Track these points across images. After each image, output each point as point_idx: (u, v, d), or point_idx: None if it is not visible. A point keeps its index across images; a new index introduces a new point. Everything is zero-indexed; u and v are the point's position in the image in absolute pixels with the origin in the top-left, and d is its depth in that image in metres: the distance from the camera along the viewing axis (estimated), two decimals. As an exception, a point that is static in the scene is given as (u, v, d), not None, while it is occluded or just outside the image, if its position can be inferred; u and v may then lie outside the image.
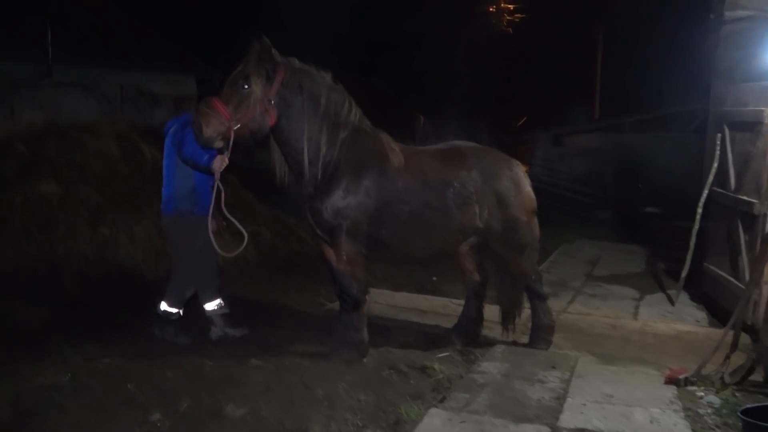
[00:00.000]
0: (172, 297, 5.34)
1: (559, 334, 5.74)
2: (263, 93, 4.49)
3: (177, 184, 5.18)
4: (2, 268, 6.31)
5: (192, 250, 5.24)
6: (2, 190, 6.91)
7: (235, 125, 4.42)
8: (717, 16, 7.15)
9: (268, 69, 4.51)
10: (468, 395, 4.27)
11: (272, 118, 4.59)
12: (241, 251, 5.06)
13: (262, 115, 4.54)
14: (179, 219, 5.21)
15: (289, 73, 4.61)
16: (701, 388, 4.56)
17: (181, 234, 5.27)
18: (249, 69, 4.49)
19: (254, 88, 4.46)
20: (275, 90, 4.53)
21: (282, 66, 4.59)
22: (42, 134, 7.43)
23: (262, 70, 4.50)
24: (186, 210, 5.17)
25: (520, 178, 5.39)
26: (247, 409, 4.07)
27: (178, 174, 5.15)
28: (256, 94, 4.47)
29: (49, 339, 5.17)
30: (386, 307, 6.68)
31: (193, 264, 5.31)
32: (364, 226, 4.85)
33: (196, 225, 5.15)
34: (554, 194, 17.38)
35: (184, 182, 5.13)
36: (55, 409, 3.98)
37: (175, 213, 5.21)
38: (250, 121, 4.49)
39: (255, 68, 4.50)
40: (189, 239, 5.23)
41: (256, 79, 4.47)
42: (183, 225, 5.22)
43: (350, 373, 4.73)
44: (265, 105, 4.52)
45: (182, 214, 5.18)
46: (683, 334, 6.14)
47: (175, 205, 5.20)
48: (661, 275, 8.49)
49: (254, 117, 4.50)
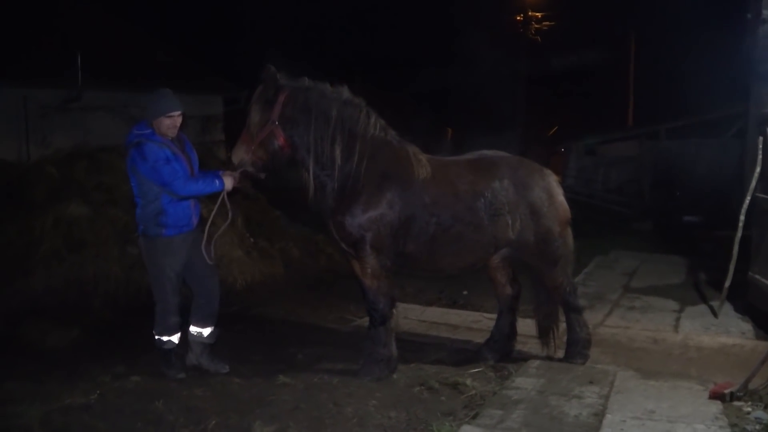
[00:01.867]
0: (157, 325, 4.91)
1: (596, 349, 5.54)
2: (264, 117, 4.73)
3: (143, 205, 4.75)
4: (33, 290, 6.40)
5: (164, 273, 4.78)
6: (33, 213, 7.03)
7: (253, 149, 4.74)
8: (754, 15, 6.92)
9: (269, 94, 4.72)
10: (502, 412, 4.11)
11: (280, 138, 4.75)
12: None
13: (269, 138, 4.74)
14: (147, 241, 4.79)
15: (292, 94, 4.75)
16: (748, 403, 4.33)
17: (150, 257, 4.82)
18: (255, 97, 4.79)
19: (261, 114, 4.75)
20: (277, 111, 4.72)
21: (285, 88, 4.75)
22: (71, 157, 7.57)
23: (262, 97, 4.76)
24: (153, 233, 4.74)
25: (553, 188, 5.23)
26: (276, 427, 4.01)
27: (145, 195, 4.72)
28: (264, 119, 4.74)
29: (79, 360, 5.20)
30: (417, 322, 6.56)
31: (169, 288, 4.81)
32: (389, 239, 4.78)
33: (166, 247, 4.75)
34: (589, 205, 17.10)
35: (151, 204, 4.71)
36: (84, 429, 3.97)
37: (143, 235, 4.80)
38: (260, 144, 4.74)
39: (257, 97, 4.79)
40: (159, 262, 4.78)
41: (255, 107, 4.77)
42: (152, 247, 4.79)
43: (380, 390, 4.64)
44: (271, 127, 4.71)
45: (150, 237, 4.76)
46: (728, 347, 5.86)
47: (143, 227, 4.78)
48: (702, 286, 8.18)
49: (264, 140, 4.74)
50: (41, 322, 5.81)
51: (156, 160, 4.61)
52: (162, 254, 4.77)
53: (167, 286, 4.82)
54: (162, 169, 4.62)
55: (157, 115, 4.68)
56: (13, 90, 12.15)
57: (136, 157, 4.63)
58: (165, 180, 4.61)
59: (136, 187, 4.75)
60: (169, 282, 4.81)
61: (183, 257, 4.82)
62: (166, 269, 4.78)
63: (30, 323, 5.80)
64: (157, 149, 4.64)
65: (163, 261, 4.77)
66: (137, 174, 4.67)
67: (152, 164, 4.60)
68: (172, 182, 4.62)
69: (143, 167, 4.62)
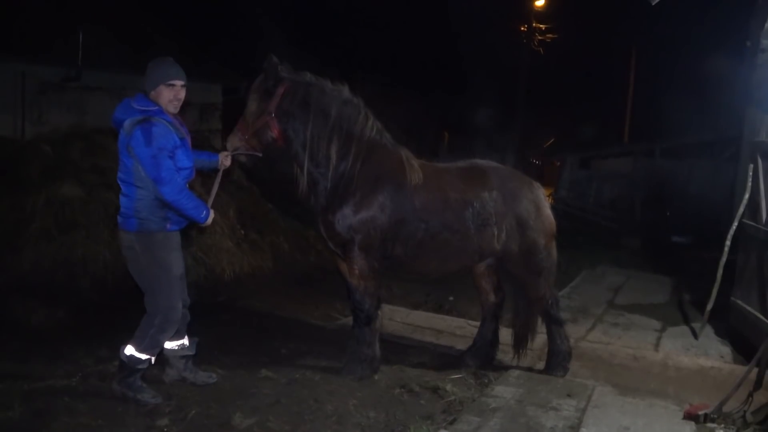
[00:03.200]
0: (143, 340, 4.15)
1: (577, 362, 5.61)
2: (261, 107, 4.72)
3: (141, 195, 4.06)
4: (21, 269, 6.39)
5: (171, 273, 4.17)
6: (26, 190, 7.01)
7: (247, 138, 4.74)
8: (753, 43, 7.00)
9: (269, 85, 4.71)
10: (479, 419, 4.16)
11: (275, 130, 4.74)
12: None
13: (263, 129, 4.74)
14: (146, 237, 4.09)
15: (292, 87, 4.75)
16: (721, 425, 4.39)
17: (152, 254, 4.11)
18: (255, 86, 4.78)
19: (259, 103, 4.74)
20: (275, 103, 4.71)
21: (285, 80, 4.74)
22: (67, 137, 7.55)
23: (262, 87, 4.74)
24: (156, 227, 4.09)
25: (541, 200, 5.30)
26: (255, 420, 4.03)
27: (145, 181, 4.03)
28: (261, 108, 4.73)
29: (63, 340, 5.21)
30: (402, 325, 6.60)
31: (177, 291, 4.22)
32: (378, 241, 4.81)
33: (171, 242, 4.19)
34: (580, 218, 17.19)
35: (152, 192, 4.05)
36: (64, 411, 3.98)
37: (140, 230, 4.08)
38: (254, 134, 4.74)
39: (256, 85, 4.77)
40: (165, 260, 4.15)
41: (254, 96, 4.76)
42: (153, 243, 4.11)
43: (361, 389, 4.67)
44: (266, 118, 4.71)
45: (151, 232, 4.09)
46: (707, 369, 5.94)
47: (139, 221, 4.07)
48: (686, 307, 8.27)
49: (258, 130, 4.73)
50: (27, 301, 5.80)
51: (161, 148, 3.97)
52: (168, 250, 4.16)
53: (175, 289, 4.19)
54: (164, 162, 3.98)
55: (156, 84, 4.07)
56: (12, 65, 12.09)
57: (139, 137, 3.94)
58: (161, 177, 3.97)
59: (132, 172, 4.03)
60: (176, 283, 4.21)
61: (178, 254, 4.27)
62: (173, 268, 4.18)
63: (16, 301, 5.79)
64: (167, 133, 4.01)
65: (170, 258, 4.17)
66: (134, 157, 3.99)
67: (155, 152, 3.96)
68: (167, 184, 3.99)
69: (143, 152, 3.95)
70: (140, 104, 4.06)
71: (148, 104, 4.07)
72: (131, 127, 3.99)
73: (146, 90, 4.11)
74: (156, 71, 4.11)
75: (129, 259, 4.21)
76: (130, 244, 4.15)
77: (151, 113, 4.03)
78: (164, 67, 4.15)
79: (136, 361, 4.17)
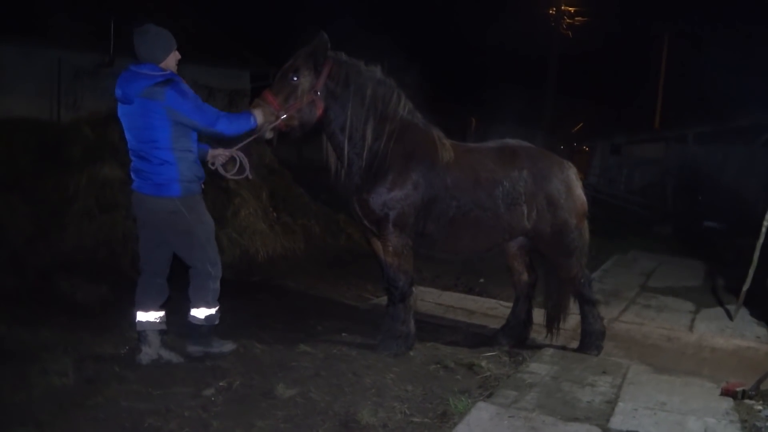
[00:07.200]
0: (208, 295, 4.47)
1: (610, 343, 5.62)
2: (311, 85, 4.64)
3: (179, 158, 4.20)
4: (65, 247, 6.56)
5: (213, 232, 4.46)
6: (69, 171, 7.18)
7: (283, 115, 4.57)
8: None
9: (317, 62, 4.65)
10: (516, 393, 4.22)
11: (319, 110, 4.70)
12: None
13: (309, 107, 4.67)
14: (189, 202, 4.29)
15: (336, 67, 4.73)
16: (760, 402, 4.38)
17: (197, 218, 4.35)
18: (299, 62, 4.66)
19: (302, 80, 4.62)
20: (322, 82, 4.67)
21: (330, 59, 4.71)
22: (106, 120, 7.66)
23: (310, 63, 4.64)
24: (196, 190, 4.35)
25: (572, 180, 5.30)
26: (297, 390, 4.13)
27: (181, 144, 4.20)
28: (304, 86, 4.63)
29: (107, 315, 5.36)
30: (434, 305, 6.67)
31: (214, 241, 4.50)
32: (411, 218, 4.86)
33: (202, 200, 4.44)
34: (610, 205, 17.02)
35: (188, 155, 4.25)
36: (115, 378, 4.13)
37: (185, 195, 4.26)
38: (298, 111, 4.64)
39: (304, 61, 4.65)
40: (207, 220, 4.42)
41: (304, 72, 4.63)
42: (196, 206, 4.35)
43: (397, 365, 4.75)
44: (312, 96, 4.65)
45: (192, 195, 4.31)
46: (742, 350, 5.91)
47: (184, 186, 4.25)
48: (719, 291, 8.21)
49: (302, 108, 4.64)
50: (72, 277, 5.97)
51: (196, 97, 4.17)
52: (204, 207, 4.41)
53: (215, 247, 4.50)
54: (204, 106, 4.19)
55: (168, 51, 4.24)
56: (49, 51, 12.37)
57: (175, 95, 4.07)
58: (210, 118, 4.18)
59: (170, 137, 4.12)
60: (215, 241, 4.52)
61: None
62: (213, 226, 4.49)
63: (61, 277, 5.97)
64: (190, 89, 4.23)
65: (209, 218, 4.45)
66: (176, 115, 4.08)
67: (195, 101, 4.14)
68: (218, 119, 4.21)
69: (186, 106, 4.09)
70: (154, 70, 4.16)
71: (161, 70, 4.19)
72: (160, 91, 4.07)
73: (157, 58, 4.20)
74: (162, 40, 4.25)
75: (171, 224, 4.30)
76: (175, 209, 4.25)
77: (171, 75, 4.20)
78: (168, 35, 4.30)
79: (213, 318, 4.53)
